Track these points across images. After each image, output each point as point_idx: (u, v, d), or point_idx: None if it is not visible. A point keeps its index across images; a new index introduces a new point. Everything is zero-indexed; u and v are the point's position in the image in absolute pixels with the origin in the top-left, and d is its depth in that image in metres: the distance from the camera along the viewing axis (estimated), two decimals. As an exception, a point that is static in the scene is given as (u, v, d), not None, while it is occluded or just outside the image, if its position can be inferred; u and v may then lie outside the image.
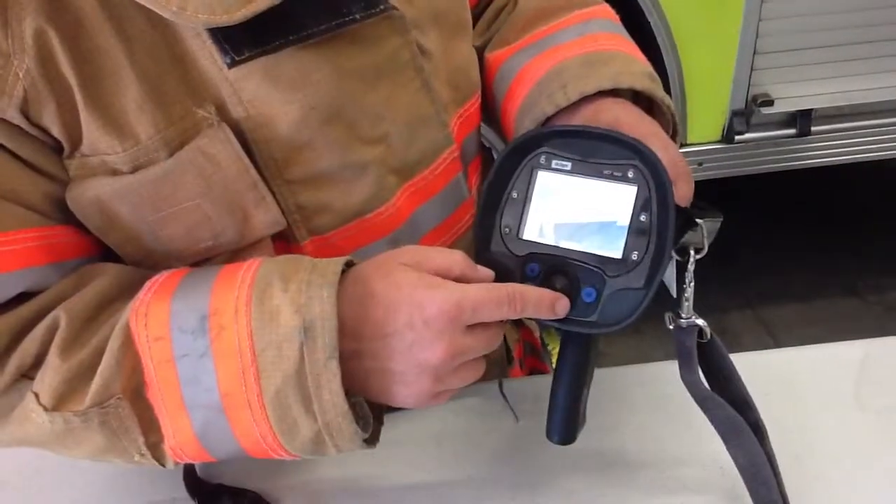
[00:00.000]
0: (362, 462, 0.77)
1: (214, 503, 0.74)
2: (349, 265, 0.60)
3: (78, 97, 0.57)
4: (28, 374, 0.60)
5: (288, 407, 0.57)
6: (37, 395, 0.59)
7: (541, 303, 0.60)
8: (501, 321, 0.60)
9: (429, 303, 0.56)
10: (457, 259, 0.60)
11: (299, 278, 0.57)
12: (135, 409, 0.59)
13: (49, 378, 0.58)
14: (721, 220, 0.64)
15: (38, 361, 0.60)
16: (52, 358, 0.59)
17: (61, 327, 0.59)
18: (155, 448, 0.61)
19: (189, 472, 0.75)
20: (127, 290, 0.62)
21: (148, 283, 0.61)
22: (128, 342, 0.58)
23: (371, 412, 0.63)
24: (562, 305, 0.60)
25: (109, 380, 0.58)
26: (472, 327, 0.58)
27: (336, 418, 0.57)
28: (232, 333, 0.56)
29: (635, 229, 0.60)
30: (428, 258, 0.59)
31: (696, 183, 0.63)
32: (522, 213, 0.63)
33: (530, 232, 0.63)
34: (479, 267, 0.61)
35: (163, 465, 0.63)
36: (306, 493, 0.75)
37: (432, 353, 0.56)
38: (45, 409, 0.59)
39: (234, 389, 0.57)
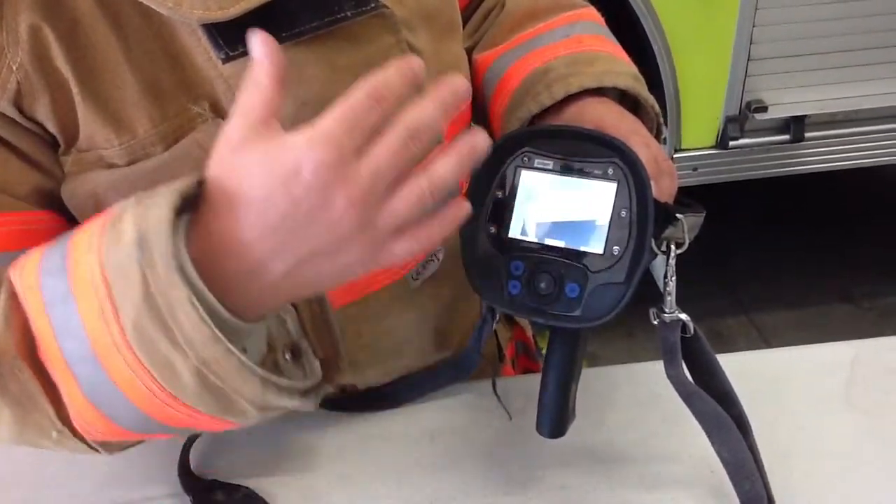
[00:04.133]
0: (356, 457, 0.78)
1: (207, 498, 0.74)
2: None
3: (75, 91, 0.58)
4: None
5: (151, 341, 0.47)
6: None
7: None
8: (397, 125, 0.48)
9: (291, 160, 0.46)
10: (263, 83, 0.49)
11: (155, 191, 0.49)
12: (34, 373, 0.53)
13: None
14: (703, 214, 0.65)
15: None
16: None
17: None
18: (69, 422, 0.55)
19: (183, 468, 0.76)
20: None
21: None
22: (12, 296, 0.52)
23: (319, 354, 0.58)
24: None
25: (1, 339, 0.52)
26: (362, 150, 0.47)
27: (207, 348, 0.47)
28: (85, 266, 0.48)
29: (616, 225, 0.61)
30: (245, 112, 0.49)
31: (690, 188, 0.64)
32: (506, 212, 0.64)
33: (515, 230, 0.64)
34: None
35: (91, 448, 0.57)
36: (300, 489, 0.75)
37: (337, 206, 0.47)
38: None
39: (99, 331, 0.48)
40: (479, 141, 0.51)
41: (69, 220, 0.65)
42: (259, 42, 0.48)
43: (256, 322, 0.53)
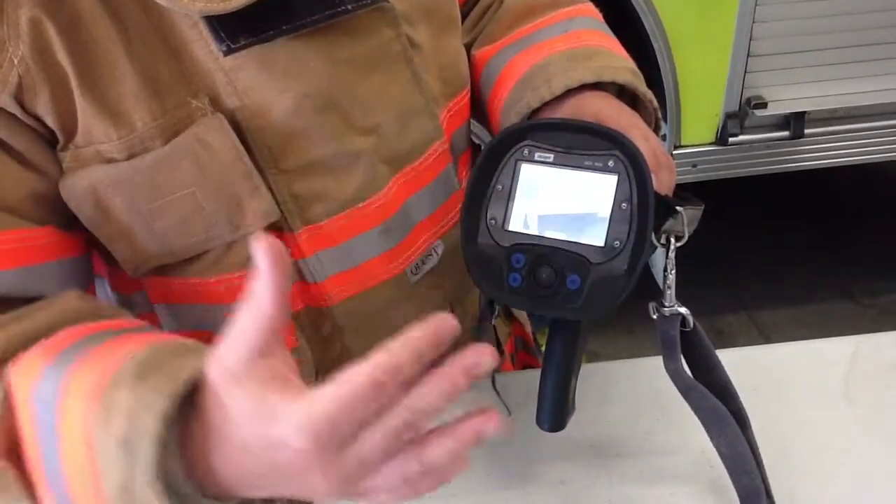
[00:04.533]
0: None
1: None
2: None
3: (74, 85, 0.58)
4: None
5: None
6: None
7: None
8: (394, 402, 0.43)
9: (279, 433, 0.42)
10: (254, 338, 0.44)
11: (150, 380, 0.47)
12: (16, 470, 0.52)
13: None
14: (702, 207, 0.65)
15: None
16: None
17: None
18: None
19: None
20: (62, 323, 0.57)
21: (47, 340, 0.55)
22: (7, 398, 0.52)
23: None
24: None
25: None
26: (354, 435, 0.43)
27: None
28: (74, 420, 0.48)
29: (617, 217, 0.61)
30: (245, 340, 0.44)
31: (690, 185, 0.64)
32: (507, 205, 0.64)
33: (515, 223, 0.64)
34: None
35: None
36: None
37: (317, 485, 0.44)
38: None
39: (78, 480, 0.49)
40: (486, 426, 0.45)
41: (68, 229, 0.64)
42: (263, 253, 0.43)
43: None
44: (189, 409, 0.46)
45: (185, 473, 0.45)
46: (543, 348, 0.69)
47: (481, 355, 0.43)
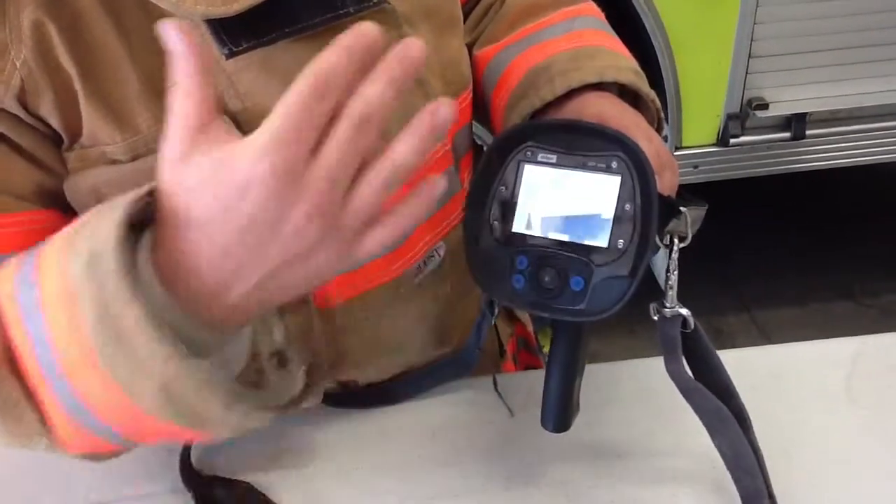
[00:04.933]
0: (357, 453, 0.78)
1: (209, 494, 0.74)
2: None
3: (78, 88, 0.58)
4: None
5: (114, 360, 0.46)
6: None
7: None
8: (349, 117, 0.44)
9: (238, 176, 0.42)
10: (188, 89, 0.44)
11: (110, 204, 0.47)
12: (16, 380, 0.51)
13: None
14: (705, 208, 0.65)
15: None
16: None
17: None
18: (55, 432, 0.53)
19: (184, 463, 0.76)
20: None
21: None
22: None
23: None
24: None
25: None
26: (313, 151, 0.43)
27: (165, 368, 0.45)
28: (51, 278, 0.47)
29: (620, 218, 0.61)
30: (179, 121, 0.45)
31: (691, 186, 0.64)
32: (510, 207, 0.64)
33: (518, 224, 0.64)
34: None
35: (81, 457, 0.56)
36: (301, 484, 0.75)
37: (295, 217, 0.44)
38: None
39: (67, 346, 0.47)
40: (440, 113, 0.46)
41: (73, 216, 0.65)
42: (176, 37, 0.44)
43: (235, 332, 0.51)
44: (153, 231, 0.46)
45: (167, 293, 0.45)
46: (546, 348, 0.69)
47: (410, 43, 0.44)
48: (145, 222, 0.47)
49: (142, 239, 0.46)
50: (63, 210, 0.64)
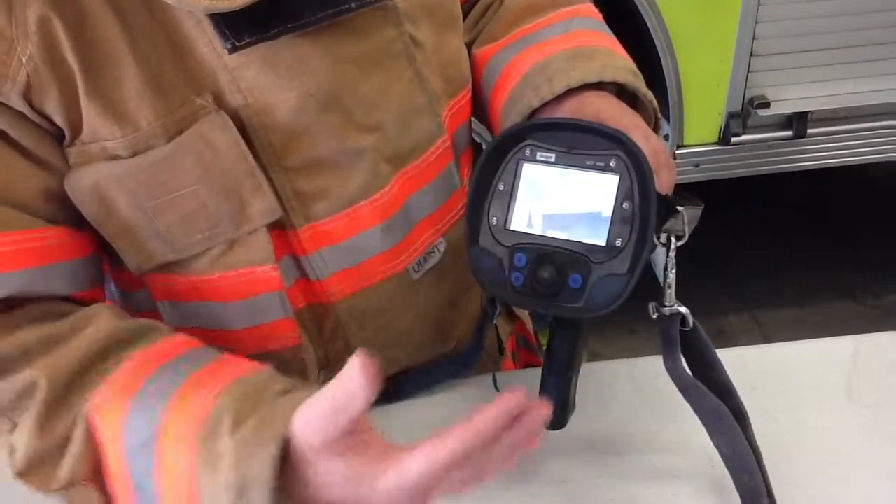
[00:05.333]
0: (356, 452, 0.78)
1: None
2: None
3: (79, 83, 0.58)
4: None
5: None
6: (12, 449, 0.59)
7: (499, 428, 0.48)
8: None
9: (368, 498, 0.49)
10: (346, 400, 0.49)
11: (250, 423, 0.52)
12: (100, 492, 0.59)
13: (23, 446, 0.58)
14: (702, 207, 0.65)
15: (12, 408, 0.59)
16: (30, 425, 0.58)
17: (40, 395, 0.58)
18: None
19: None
20: (113, 347, 0.61)
21: (114, 370, 0.59)
22: (90, 432, 0.58)
23: None
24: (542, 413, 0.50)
25: (76, 467, 0.58)
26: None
27: None
28: (175, 466, 0.54)
29: (618, 217, 0.61)
30: (336, 420, 0.49)
31: (692, 185, 0.64)
32: (509, 205, 0.64)
33: (517, 223, 0.64)
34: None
35: None
36: (300, 482, 0.75)
37: None
38: (16, 470, 0.59)
39: None
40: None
41: (80, 227, 0.65)
42: (361, 370, 0.47)
43: None
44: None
45: None
46: (545, 347, 0.69)
47: (540, 411, 0.50)
48: None
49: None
50: (71, 223, 0.64)
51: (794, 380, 0.83)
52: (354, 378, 0.47)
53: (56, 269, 0.64)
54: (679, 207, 0.63)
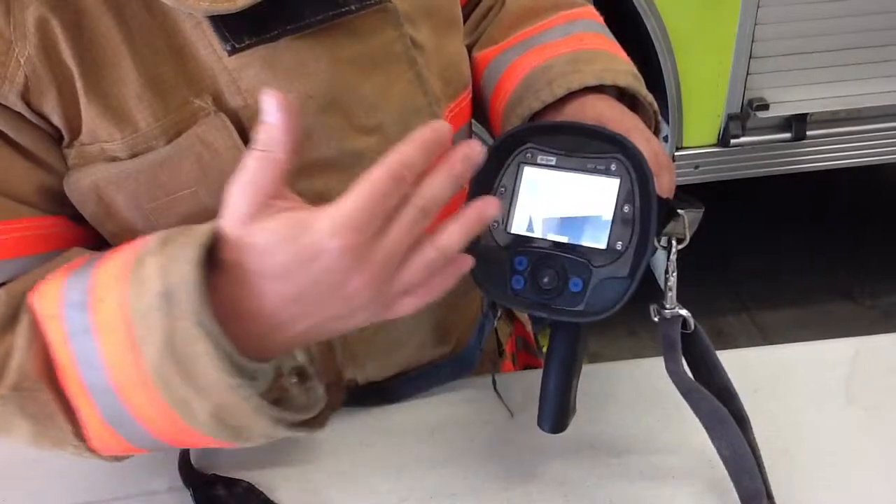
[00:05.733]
0: (356, 452, 0.78)
1: (208, 492, 0.74)
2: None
3: (78, 85, 0.58)
4: None
5: (173, 385, 0.51)
6: None
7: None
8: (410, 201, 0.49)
9: (313, 244, 0.47)
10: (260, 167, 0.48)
11: (176, 241, 0.51)
12: (53, 394, 0.56)
13: None
14: (702, 210, 0.66)
15: None
16: None
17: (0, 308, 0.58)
18: (85, 438, 0.58)
19: (184, 462, 0.76)
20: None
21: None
22: (33, 322, 0.56)
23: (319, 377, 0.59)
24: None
25: (23, 362, 0.56)
26: (379, 231, 0.48)
27: (224, 394, 0.50)
28: (108, 305, 0.51)
29: (619, 220, 0.61)
30: (255, 184, 0.49)
31: (692, 186, 0.65)
32: (510, 208, 0.64)
33: (518, 226, 0.64)
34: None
35: (108, 459, 0.61)
36: (300, 483, 0.75)
37: (354, 284, 0.49)
38: None
39: (121, 369, 0.52)
40: (487, 209, 0.52)
41: (80, 222, 0.65)
42: (275, 106, 0.47)
43: (270, 361, 0.55)
44: (210, 267, 0.49)
45: (219, 327, 0.49)
46: (545, 349, 0.69)
47: (471, 144, 0.50)
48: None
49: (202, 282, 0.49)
50: (70, 215, 0.64)
51: (793, 381, 0.83)
52: (271, 120, 0.47)
53: (55, 256, 0.63)
54: (680, 211, 0.63)
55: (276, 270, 0.48)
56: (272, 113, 0.47)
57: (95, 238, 0.68)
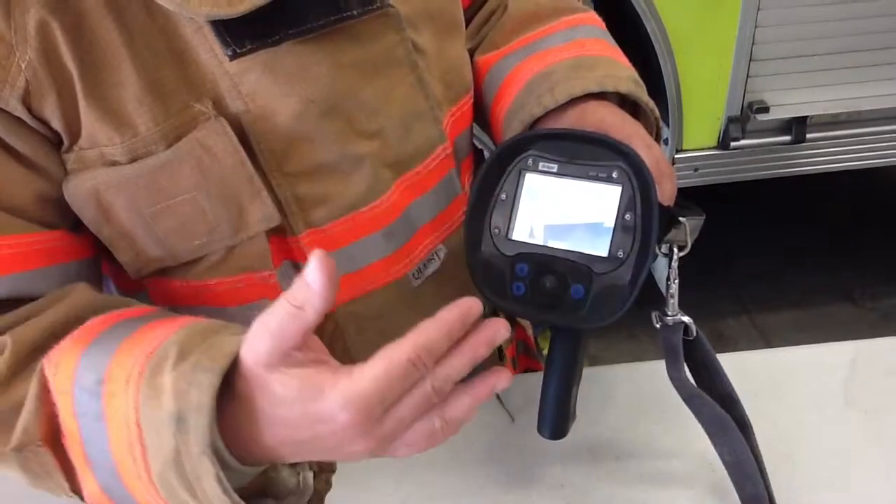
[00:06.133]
0: (356, 456, 0.78)
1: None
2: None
3: (78, 88, 0.58)
4: None
5: (174, 488, 0.51)
6: None
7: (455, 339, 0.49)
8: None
9: (323, 410, 0.47)
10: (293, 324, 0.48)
11: (192, 358, 0.51)
12: (56, 456, 0.57)
13: None
14: (703, 218, 0.66)
15: None
16: None
17: (5, 356, 0.58)
18: (80, 493, 0.58)
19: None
20: (86, 317, 0.60)
21: (76, 330, 0.58)
22: (44, 389, 0.56)
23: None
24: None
25: (29, 425, 0.56)
26: (390, 407, 0.48)
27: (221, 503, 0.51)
28: (121, 402, 0.52)
29: (620, 228, 0.61)
30: (281, 335, 0.48)
31: (692, 189, 0.64)
32: (511, 215, 0.64)
33: (519, 233, 0.64)
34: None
35: None
36: (300, 487, 0.75)
37: (356, 450, 0.50)
38: None
39: (126, 459, 0.53)
40: (499, 382, 0.52)
41: (78, 231, 0.65)
42: (319, 269, 0.46)
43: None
44: (225, 387, 0.49)
45: (226, 444, 0.50)
46: (545, 352, 0.69)
47: (497, 327, 0.50)
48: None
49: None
50: (69, 227, 0.64)
51: (794, 384, 0.83)
52: (311, 281, 0.46)
53: (55, 270, 0.63)
54: (681, 218, 0.63)
55: (284, 419, 0.49)
56: (314, 274, 0.46)
57: (94, 249, 0.68)
